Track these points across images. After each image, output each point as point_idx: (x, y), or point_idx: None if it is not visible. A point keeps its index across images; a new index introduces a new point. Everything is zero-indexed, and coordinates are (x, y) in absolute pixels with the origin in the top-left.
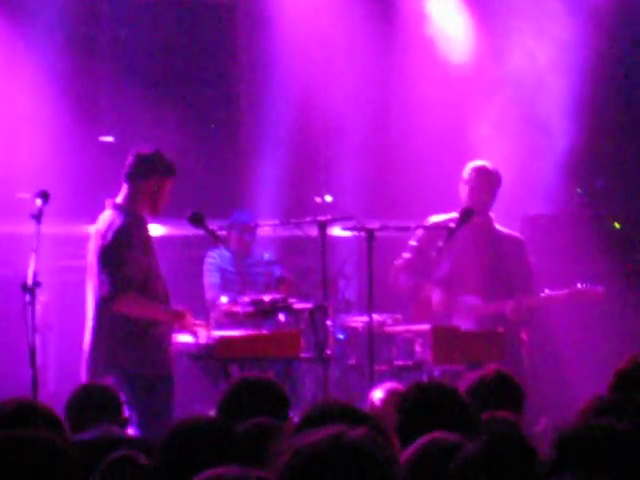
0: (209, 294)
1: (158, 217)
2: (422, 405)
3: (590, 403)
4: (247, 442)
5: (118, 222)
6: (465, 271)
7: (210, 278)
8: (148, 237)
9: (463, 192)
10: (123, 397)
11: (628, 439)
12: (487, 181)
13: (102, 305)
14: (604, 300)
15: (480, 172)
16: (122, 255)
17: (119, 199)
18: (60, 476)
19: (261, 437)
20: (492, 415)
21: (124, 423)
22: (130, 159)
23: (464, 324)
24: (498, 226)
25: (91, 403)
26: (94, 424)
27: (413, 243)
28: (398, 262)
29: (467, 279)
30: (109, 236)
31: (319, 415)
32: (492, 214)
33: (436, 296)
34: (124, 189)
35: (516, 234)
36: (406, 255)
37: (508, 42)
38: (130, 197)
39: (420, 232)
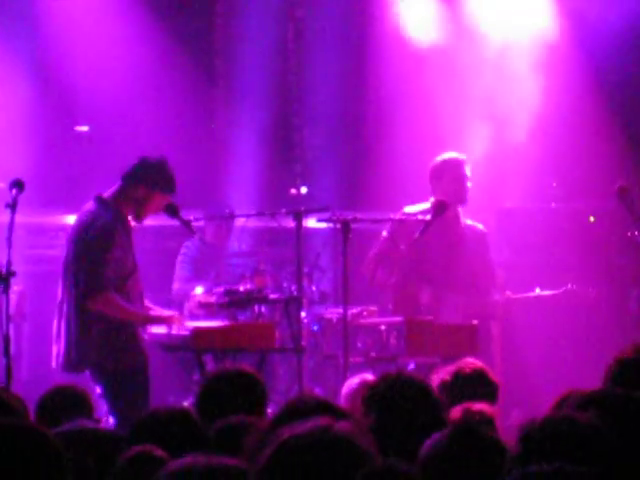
0: (176, 285)
1: (138, 223)
2: (389, 398)
3: (563, 397)
4: (222, 438)
5: (102, 220)
6: (445, 267)
7: (181, 270)
8: (129, 235)
9: (436, 184)
10: (98, 390)
11: (589, 431)
12: (459, 173)
13: (77, 301)
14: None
15: (453, 164)
16: (102, 255)
17: (107, 194)
18: (44, 465)
19: (235, 435)
20: (469, 407)
21: (97, 423)
22: (136, 161)
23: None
24: (464, 219)
25: (63, 404)
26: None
27: (385, 234)
28: (372, 254)
29: (449, 276)
30: (90, 233)
31: (296, 409)
32: (460, 208)
33: (425, 293)
34: (116, 186)
35: (479, 227)
36: (379, 248)
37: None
38: (117, 196)
39: (390, 227)
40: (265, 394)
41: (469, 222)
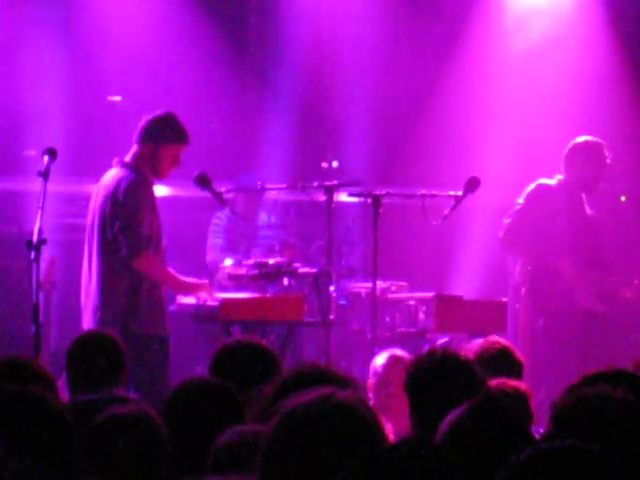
0: (210, 256)
1: (162, 180)
2: (435, 374)
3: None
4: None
5: (127, 181)
6: (582, 245)
7: (213, 239)
8: (154, 197)
9: (568, 165)
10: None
11: (625, 407)
12: (593, 160)
13: (111, 263)
14: None
15: (589, 150)
16: (138, 215)
17: (127, 158)
18: (50, 432)
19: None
20: (504, 383)
21: (126, 378)
22: (143, 121)
23: (586, 298)
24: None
25: (93, 350)
26: (96, 372)
27: (522, 204)
28: (508, 224)
29: (585, 253)
30: (121, 196)
31: (299, 379)
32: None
33: (568, 266)
34: (133, 149)
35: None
36: (516, 218)
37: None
38: (135, 158)
39: (531, 195)
40: (277, 365)
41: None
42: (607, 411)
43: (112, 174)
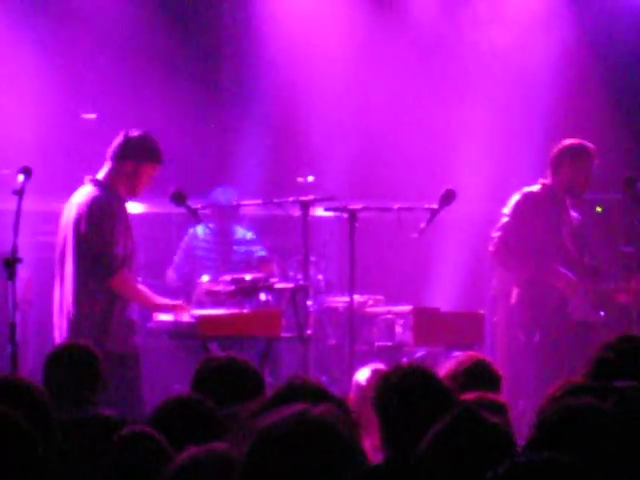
0: (169, 272)
1: (136, 198)
2: (401, 389)
3: (562, 387)
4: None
5: (101, 200)
6: (571, 253)
7: (175, 257)
8: (127, 216)
9: (554, 170)
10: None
11: (610, 419)
12: (580, 164)
13: (84, 282)
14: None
15: (576, 153)
16: (113, 235)
17: (100, 176)
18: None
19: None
20: (482, 397)
21: (104, 386)
22: (118, 139)
23: (581, 309)
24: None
25: (70, 361)
26: (72, 382)
27: (508, 217)
28: (497, 239)
29: (574, 261)
30: (94, 214)
31: (286, 394)
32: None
33: (563, 278)
34: (106, 167)
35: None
36: (505, 232)
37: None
38: (110, 175)
39: (517, 206)
40: (259, 381)
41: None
42: (591, 423)
43: (84, 192)
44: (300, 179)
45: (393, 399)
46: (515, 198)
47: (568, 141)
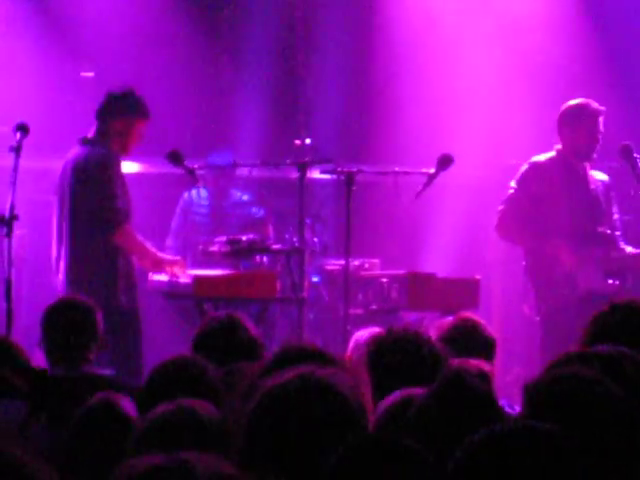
0: (168, 239)
1: (127, 156)
2: (393, 351)
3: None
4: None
5: (98, 157)
6: (582, 222)
7: (173, 222)
8: (122, 173)
9: (565, 131)
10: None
11: (596, 387)
12: (592, 125)
13: (86, 240)
14: None
15: (588, 114)
16: (113, 189)
17: (90, 134)
18: None
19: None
20: (465, 362)
21: (102, 345)
22: (106, 97)
23: (591, 280)
24: (591, 172)
25: (65, 317)
26: (69, 341)
27: (515, 188)
28: (502, 211)
29: (585, 230)
30: (93, 172)
31: (287, 356)
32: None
33: (565, 251)
34: (93, 127)
35: (605, 178)
36: (510, 203)
37: None
38: (102, 133)
39: (523, 177)
40: (258, 342)
41: (597, 174)
42: (575, 391)
43: (78, 151)
44: (297, 141)
45: (385, 362)
46: (522, 169)
47: (571, 102)
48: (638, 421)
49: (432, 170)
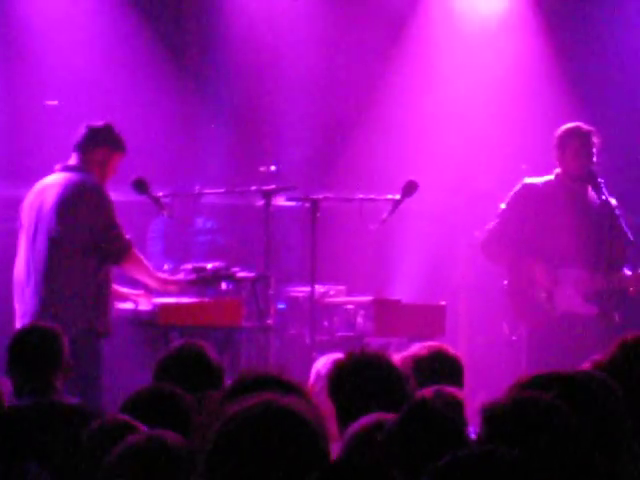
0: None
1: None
2: (353, 374)
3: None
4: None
5: (93, 184)
6: (566, 243)
7: (154, 247)
8: None
9: (559, 155)
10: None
11: (553, 410)
12: (582, 146)
13: (57, 263)
14: None
15: (577, 135)
16: (113, 216)
17: (73, 162)
18: None
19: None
20: (439, 390)
21: (67, 371)
22: (81, 130)
23: (570, 302)
24: (594, 191)
25: (33, 346)
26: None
27: (504, 207)
28: (489, 229)
29: (569, 251)
30: (93, 199)
31: (246, 384)
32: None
33: (540, 273)
34: (73, 158)
35: (611, 200)
36: (497, 221)
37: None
38: (85, 162)
39: (513, 197)
40: (220, 370)
41: (599, 194)
42: (530, 415)
43: (61, 177)
44: (262, 168)
45: (346, 385)
46: (514, 189)
47: (562, 127)
48: (589, 445)
49: (397, 196)
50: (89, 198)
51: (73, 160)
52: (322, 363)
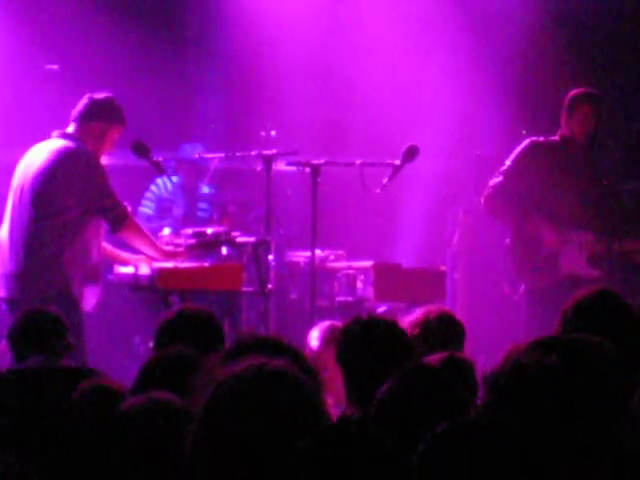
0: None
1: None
2: (363, 340)
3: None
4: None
5: (87, 154)
6: (572, 205)
7: (142, 208)
8: None
9: (565, 117)
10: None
11: (556, 376)
12: (588, 112)
13: (38, 226)
14: None
15: (584, 101)
16: (107, 184)
17: (70, 130)
18: None
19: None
20: (452, 355)
21: (69, 348)
22: (83, 101)
23: (573, 263)
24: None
25: (35, 329)
26: (37, 351)
27: (509, 164)
28: (494, 184)
29: (574, 213)
30: (84, 168)
31: (243, 347)
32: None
33: (548, 232)
34: (71, 127)
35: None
36: (502, 177)
37: None
38: (81, 133)
39: (519, 153)
40: (221, 334)
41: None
42: (533, 381)
43: (56, 144)
44: (263, 133)
45: (355, 350)
46: (520, 145)
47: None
48: (590, 410)
49: (397, 161)
50: (79, 164)
51: (70, 129)
52: (313, 340)
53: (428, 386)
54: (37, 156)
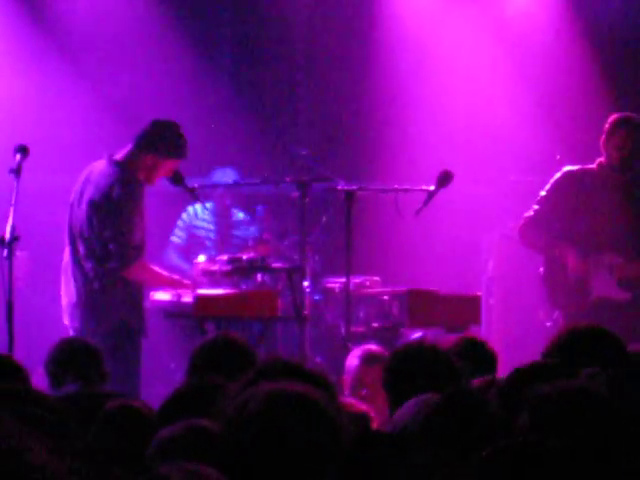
0: (166, 254)
1: (149, 185)
2: (412, 365)
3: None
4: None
5: (122, 183)
6: (604, 229)
7: (172, 237)
8: (143, 201)
9: (605, 141)
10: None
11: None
12: (623, 138)
13: (96, 264)
14: None
15: (621, 126)
16: (130, 222)
17: (119, 157)
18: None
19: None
20: (493, 379)
21: (104, 377)
22: (147, 125)
23: (604, 287)
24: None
25: (71, 357)
26: (74, 378)
27: (544, 194)
28: (528, 215)
29: (606, 237)
30: (114, 197)
31: (268, 372)
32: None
33: (572, 258)
34: (129, 149)
35: None
36: (536, 207)
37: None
38: (132, 160)
39: (553, 183)
40: (254, 360)
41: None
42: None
43: (104, 171)
44: (293, 151)
45: (404, 375)
46: (555, 176)
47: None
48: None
49: (432, 187)
50: (111, 198)
51: (122, 152)
52: (352, 360)
53: (471, 409)
54: (85, 188)
